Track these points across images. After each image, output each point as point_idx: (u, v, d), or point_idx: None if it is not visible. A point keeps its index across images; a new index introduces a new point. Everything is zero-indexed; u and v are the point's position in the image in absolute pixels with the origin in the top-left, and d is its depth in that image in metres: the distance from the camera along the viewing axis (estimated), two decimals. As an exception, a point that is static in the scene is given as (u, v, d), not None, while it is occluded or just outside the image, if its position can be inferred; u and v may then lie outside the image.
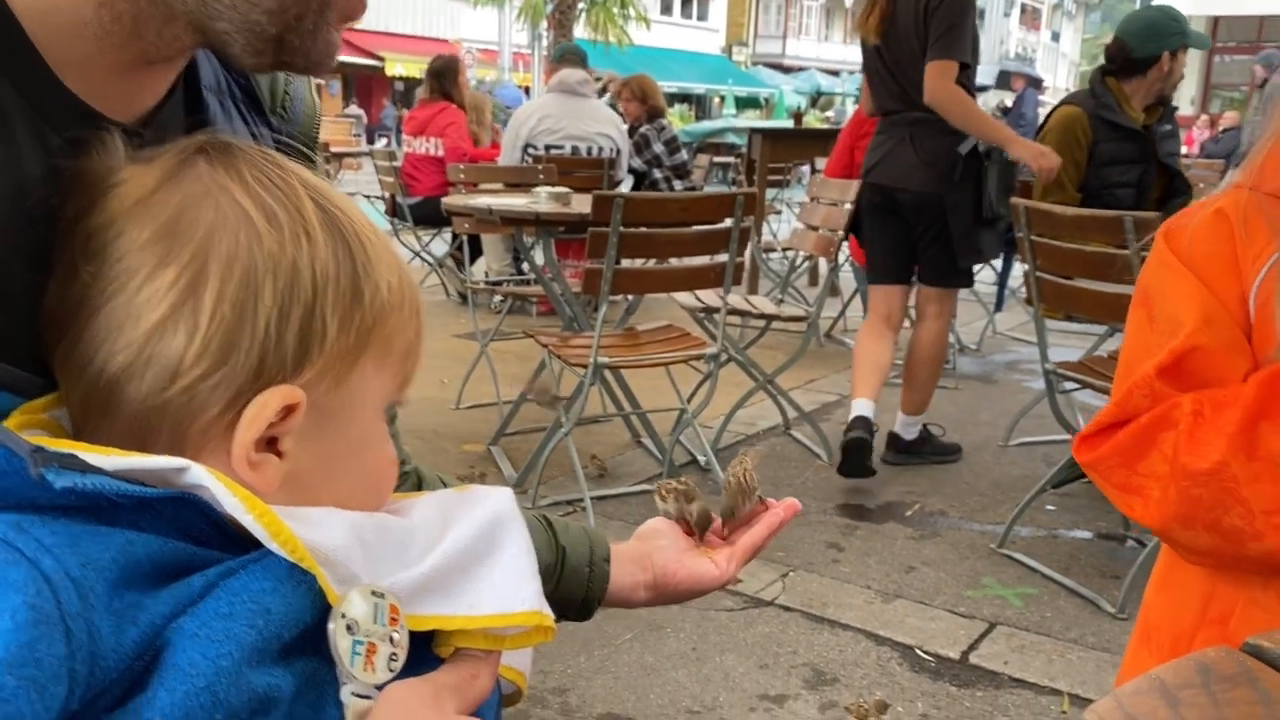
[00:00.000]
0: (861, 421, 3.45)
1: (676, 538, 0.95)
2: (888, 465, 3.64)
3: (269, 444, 0.55)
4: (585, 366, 3.07)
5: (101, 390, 0.54)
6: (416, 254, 6.50)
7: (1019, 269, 3.31)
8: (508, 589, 0.57)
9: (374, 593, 0.52)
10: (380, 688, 0.53)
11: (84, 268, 0.55)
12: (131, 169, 0.57)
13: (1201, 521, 0.95)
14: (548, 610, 0.58)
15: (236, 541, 0.52)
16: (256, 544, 0.51)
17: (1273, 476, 0.91)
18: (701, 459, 3.60)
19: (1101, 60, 3.75)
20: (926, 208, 3.47)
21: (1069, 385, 3.17)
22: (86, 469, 0.50)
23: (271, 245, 0.55)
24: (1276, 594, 0.98)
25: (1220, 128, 12.98)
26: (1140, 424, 1.00)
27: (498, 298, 5.87)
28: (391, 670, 0.53)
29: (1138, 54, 3.51)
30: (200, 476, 0.51)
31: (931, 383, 3.70)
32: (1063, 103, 3.81)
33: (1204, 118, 16.03)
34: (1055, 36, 57.86)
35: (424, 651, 0.57)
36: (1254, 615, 0.98)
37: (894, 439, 3.74)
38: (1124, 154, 3.61)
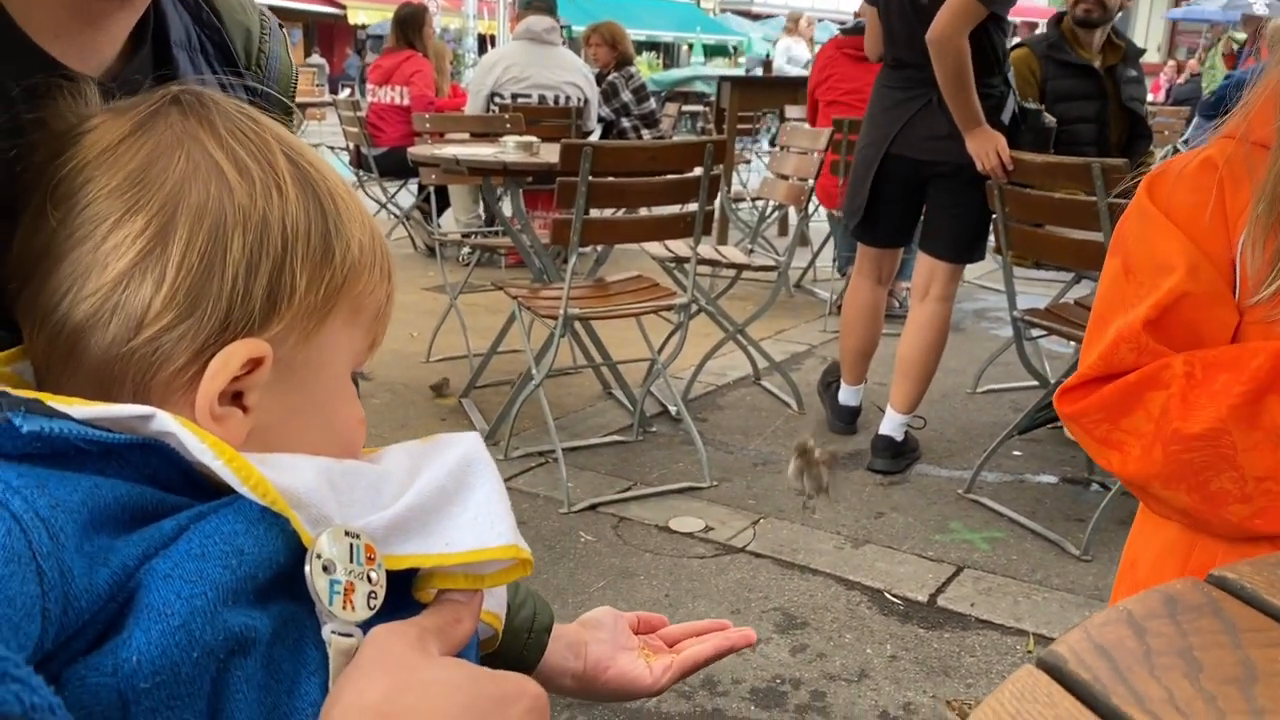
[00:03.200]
0: (851, 413, 3.56)
1: (617, 633, 0.90)
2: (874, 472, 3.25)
3: (234, 398, 0.55)
4: (555, 318, 3.06)
5: (65, 339, 0.54)
6: (383, 206, 6.42)
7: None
8: (482, 526, 0.57)
9: (348, 533, 0.52)
10: (362, 626, 0.53)
11: (51, 214, 0.54)
12: (103, 116, 0.56)
13: (1187, 483, 0.96)
14: (524, 544, 0.58)
15: (204, 489, 0.52)
16: (225, 491, 0.51)
17: (1273, 446, 0.92)
18: (672, 409, 3.62)
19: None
20: (959, 178, 3.06)
21: (1036, 332, 3.20)
22: (53, 414, 0.49)
23: (242, 198, 0.54)
24: (1263, 545, 0.97)
25: (1186, 74, 13.05)
26: (1128, 381, 0.99)
27: (466, 250, 5.83)
28: (371, 608, 0.53)
29: None
30: (167, 424, 0.51)
31: (930, 374, 3.24)
32: (1015, 46, 3.82)
33: (1171, 64, 16.11)
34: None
35: (403, 598, 0.57)
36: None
37: (887, 443, 3.27)
38: (1078, 90, 3.62)
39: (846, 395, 3.57)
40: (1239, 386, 0.92)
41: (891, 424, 3.28)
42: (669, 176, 3.22)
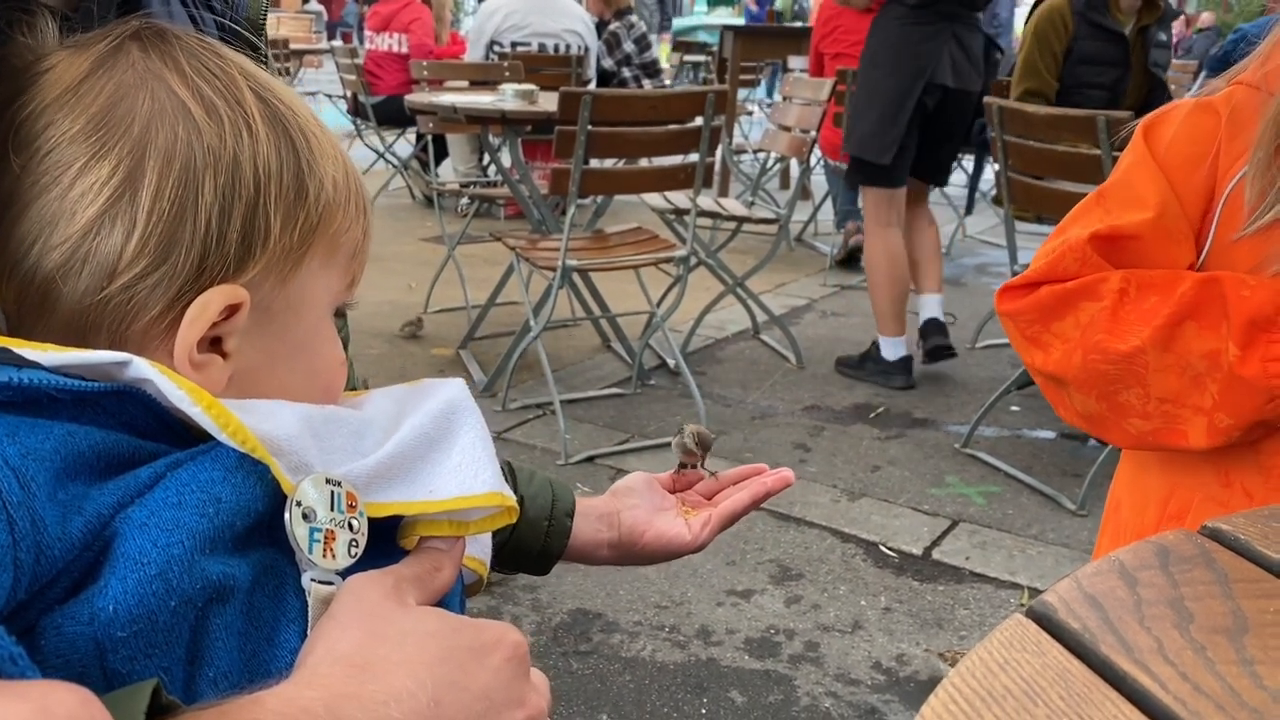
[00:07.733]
0: (910, 362, 3.60)
1: (651, 496, 0.91)
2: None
3: (213, 344, 0.54)
4: (554, 269, 3.04)
5: (36, 289, 0.52)
6: (381, 155, 6.37)
7: (989, 173, 3.26)
8: (466, 473, 0.56)
9: (329, 481, 0.52)
10: (343, 574, 0.52)
11: (13, 160, 0.52)
12: (61, 54, 0.54)
13: (1097, 390, 1.02)
14: (509, 492, 0.58)
15: (182, 436, 0.51)
16: (204, 439, 0.50)
17: (1179, 371, 0.96)
18: (671, 362, 3.61)
19: None
20: (969, 107, 3.43)
21: (1037, 287, 3.18)
22: (23, 364, 0.48)
23: (211, 139, 0.53)
24: (1236, 490, 1.00)
25: (1195, 28, 12.88)
26: (1066, 288, 1.03)
27: (464, 200, 5.79)
28: (352, 556, 0.52)
29: None
30: (143, 370, 0.50)
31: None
32: None
33: (1181, 17, 15.90)
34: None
35: (388, 545, 0.56)
36: (1210, 510, 1.02)
37: (937, 324, 3.64)
38: (1103, 55, 3.56)
39: (897, 347, 3.59)
40: (1165, 309, 0.96)
41: (931, 307, 3.63)
42: (670, 127, 3.18)
